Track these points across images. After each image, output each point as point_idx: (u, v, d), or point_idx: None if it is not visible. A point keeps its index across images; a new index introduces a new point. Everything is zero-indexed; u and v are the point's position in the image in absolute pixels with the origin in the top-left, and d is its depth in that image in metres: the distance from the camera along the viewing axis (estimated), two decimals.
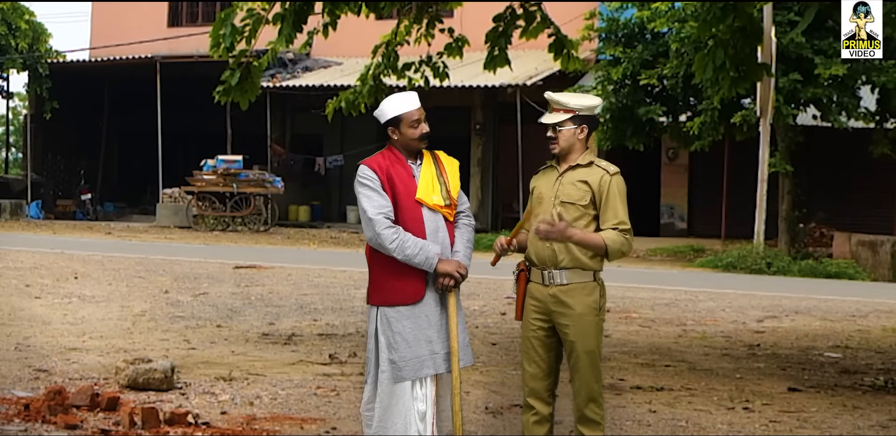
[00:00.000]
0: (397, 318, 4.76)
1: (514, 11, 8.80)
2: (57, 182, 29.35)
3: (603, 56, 20.23)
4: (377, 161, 4.83)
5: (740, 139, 18.95)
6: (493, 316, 10.69)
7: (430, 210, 4.80)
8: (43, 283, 12.37)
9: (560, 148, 4.83)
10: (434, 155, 4.93)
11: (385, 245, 4.66)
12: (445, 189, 4.84)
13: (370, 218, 4.70)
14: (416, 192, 4.76)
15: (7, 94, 30.46)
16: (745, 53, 7.88)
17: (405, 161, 4.84)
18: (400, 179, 4.77)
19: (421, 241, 4.70)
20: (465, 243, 4.88)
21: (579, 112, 4.79)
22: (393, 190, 4.75)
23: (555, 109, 4.83)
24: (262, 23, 7.60)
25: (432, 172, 4.85)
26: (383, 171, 4.77)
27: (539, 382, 4.87)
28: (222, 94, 8.05)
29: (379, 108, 4.90)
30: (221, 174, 23.70)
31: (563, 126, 4.80)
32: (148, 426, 5.62)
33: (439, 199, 4.81)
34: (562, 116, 4.80)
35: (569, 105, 4.79)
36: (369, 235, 4.73)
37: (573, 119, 4.80)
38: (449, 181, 4.87)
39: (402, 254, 4.65)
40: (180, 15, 29.44)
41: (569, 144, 4.82)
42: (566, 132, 4.81)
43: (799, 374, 8.13)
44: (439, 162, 4.92)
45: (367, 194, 4.74)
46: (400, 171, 4.80)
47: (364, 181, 4.76)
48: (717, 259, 18.14)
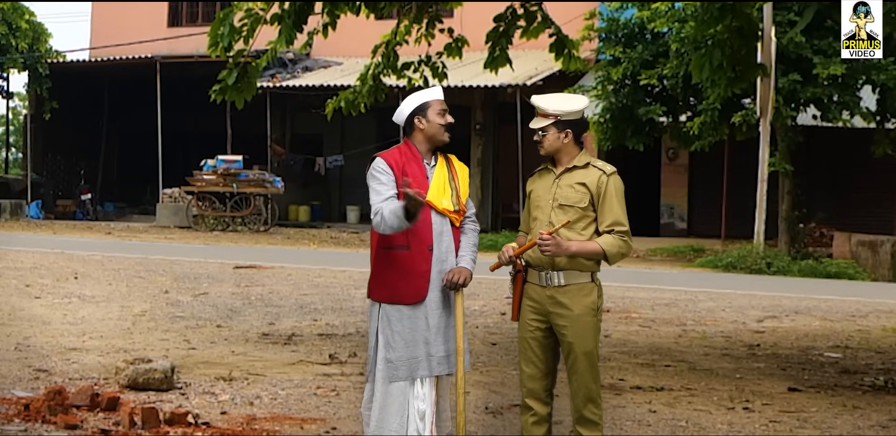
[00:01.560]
0: (398, 317, 4.76)
1: (515, 11, 8.80)
2: (57, 182, 29.34)
3: (603, 56, 20.22)
4: (394, 156, 4.80)
5: (740, 139, 18.95)
6: (493, 316, 10.69)
7: (438, 213, 4.79)
8: (43, 283, 12.37)
9: (545, 151, 4.84)
10: (447, 158, 4.93)
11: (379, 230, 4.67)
12: (456, 194, 4.83)
13: (373, 210, 4.70)
14: (428, 194, 4.74)
15: (7, 94, 30.45)
16: (742, 53, 7.88)
17: (421, 160, 4.82)
18: (414, 178, 4.74)
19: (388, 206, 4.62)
20: (470, 248, 4.88)
21: (561, 117, 4.78)
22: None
23: (538, 113, 4.84)
24: (260, 23, 7.60)
25: (445, 176, 4.84)
26: (399, 167, 4.76)
27: (537, 382, 4.86)
28: (218, 93, 8.05)
29: (402, 103, 4.89)
30: (221, 174, 23.70)
31: (546, 131, 4.80)
32: (148, 426, 5.62)
33: (449, 203, 4.80)
34: (543, 121, 4.80)
35: (548, 111, 4.78)
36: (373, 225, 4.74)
37: (556, 124, 4.78)
38: (460, 187, 4.86)
39: (391, 224, 4.60)
40: (180, 15, 29.44)
41: (553, 148, 4.82)
42: (550, 137, 4.80)
43: (799, 374, 8.13)
44: (452, 166, 4.91)
45: (377, 190, 4.74)
46: (415, 169, 4.78)
47: (377, 175, 4.75)
48: (717, 259, 18.14)
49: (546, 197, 4.84)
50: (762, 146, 17.95)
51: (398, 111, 4.89)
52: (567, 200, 4.78)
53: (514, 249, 4.84)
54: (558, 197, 4.80)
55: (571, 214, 4.76)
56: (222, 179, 23.69)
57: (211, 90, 8.08)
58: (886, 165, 20.57)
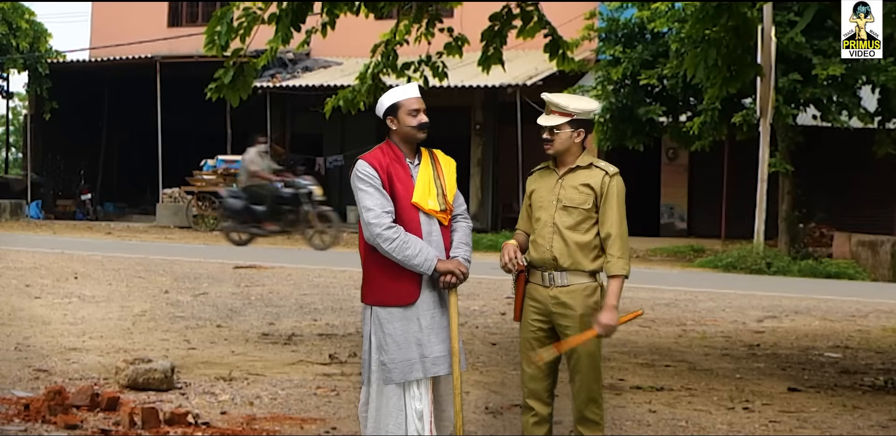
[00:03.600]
0: (389, 319, 4.72)
1: (511, 11, 8.80)
2: (57, 182, 29.33)
3: (603, 56, 20.22)
4: (377, 158, 4.73)
5: (740, 139, 18.96)
6: (493, 316, 10.68)
7: (425, 214, 4.73)
8: (43, 283, 12.36)
9: (555, 150, 4.81)
10: (432, 154, 4.85)
11: (384, 246, 4.60)
12: (442, 193, 4.76)
13: (371, 217, 4.62)
14: (413, 195, 4.69)
15: (7, 94, 30.45)
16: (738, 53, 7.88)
17: (404, 159, 4.76)
18: (399, 179, 4.70)
19: (421, 242, 4.63)
20: (463, 245, 4.81)
21: (577, 116, 4.77)
22: (392, 190, 4.68)
23: (553, 111, 4.80)
24: (257, 21, 7.60)
25: (429, 175, 4.77)
26: (384, 169, 4.69)
27: (538, 383, 4.86)
28: (214, 92, 8.05)
29: (378, 101, 4.85)
30: (221, 174, 23.68)
31: (560, 129, 4.78)
32: (148, 426, 5.62)
33: (435, 204, 4.74)
34: (560, 119, 4.77)
35: (568, 108, 4.76)
36: (367, 234, 4.65)
37: (571, 123, 4.77)
38: (445, 184, 4.79)
39: (401, 254, 4.58)
40: (180, 15, 29.43)
41: (565, 146, 4.80)
42: (563, 135, 4.78)
43: (799, 374, 8.13)
44: (437, 162, 4.83)
45: (369, 192, 4.65)
46: (399, 170, 4.72)
47: (364, 178, 4.67)
48: (717, 259, 18.13)
49: (549, 198, 4.82)
50: (762, 146, 17.95)
51: (376, 108, 4.85)
52: (571, 201, 4.77)
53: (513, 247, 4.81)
54: (562, 198, 4.79)
55: (576, 215, 4.76)
56: (222, 179, 23.67)
57: (207, 88, 8.08)
58: (886, 165, 20.56)
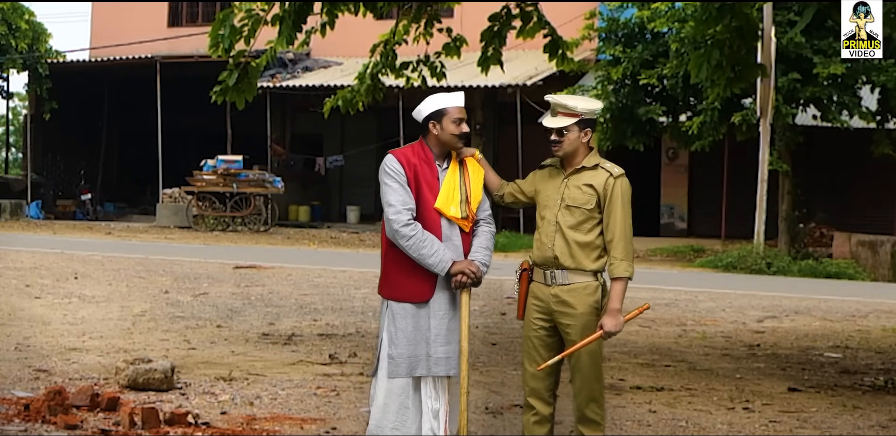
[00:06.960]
0: (402, 314, 4.77)
1: (510, 11, 8.80)
2: (57, 182, 29.34)
3: (603, 56, 20.22)
4: (406, 155, 4.79)
5: (740, 139, 18.95)
6: (493, 316, 10.69)
7: (446, 219, 4.79)
8: (43, 283, 12.36)
9: (564, 151, 4.82)
10: (462, 161, 4.89)
11: (401, 242, 4.67)
12: (466, 200, 4.81)
13: (391, 212, 4.69)
14: (437, 200, 4.74)
15: (7, 94, 30.45)
16: (742, 53, 7.88)
17: (433, 161, 4.81)
18: (425, 180, 4.75)
19: (439, 243, 4.70)
20: (483, 249, 4.86)
21: (585, 116, 4.79)
22: (417, 189, 4.74)
23: (560, 112, 4.81)
24: (260, 23, 7.60)
25: (455, 181, 4.82)
26: (411, 167, 4.75)
27: (540, 382, 4.86)
28: (219, 94, 8.05)
29: (422, 103, 4.86)
30: (221, 174, 23.69)
31: (569, 130, 4.79)
32: (148, 426, 5.62)
33: (457, 211, 4.79)
34: (567, 120, 4.79)
35: (576, 109, 4.78)
36: (389, 229, 4.72)
37: (578, 123, 4.79)
38: (471, 191, 4.84)
39: (416, 252, 4.65)
40: (180, 15, 29.44)
41: (573, 147, 4.82)
42: (571, 136, 4.80)
43: (799, 374, 8.13)
44: (465, 169, 4.88)
45: (393, 187, 4.73)
46: (426, 171, 4.77)
47: (390, 172, 4.74)
48: (717, 259, 18.14)
49: (554, 197, 4.85)
50: (762, 146, 17.95)
51: (417, 109, 4.87)
52: (574, 201, 4.79)
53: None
54: (566, 198, 4.81)
55: (578, 215, 4.77)
56: (222, 179, 23.69)
57: (212, 91, 8.08)
58: (886, 165, 20.55)
